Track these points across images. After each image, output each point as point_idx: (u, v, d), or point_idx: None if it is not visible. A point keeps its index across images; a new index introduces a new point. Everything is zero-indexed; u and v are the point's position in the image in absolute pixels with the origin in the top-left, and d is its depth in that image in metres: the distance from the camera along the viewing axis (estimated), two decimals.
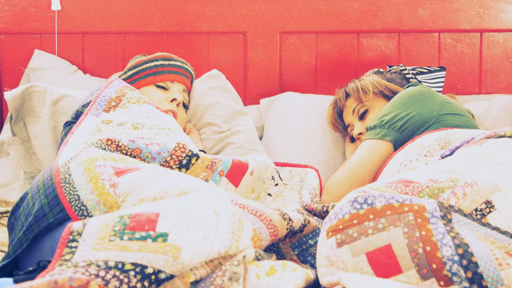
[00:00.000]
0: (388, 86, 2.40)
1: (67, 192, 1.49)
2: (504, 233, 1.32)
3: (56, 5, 2.89)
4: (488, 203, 1.37)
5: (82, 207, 1.46)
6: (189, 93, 2.53)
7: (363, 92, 2.40)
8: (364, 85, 2.42)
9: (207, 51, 2.98)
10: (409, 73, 2.51)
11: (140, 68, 2.35)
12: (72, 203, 1.47)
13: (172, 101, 2.31)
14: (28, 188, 1.66)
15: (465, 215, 1.33)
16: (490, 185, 1.40)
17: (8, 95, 2.33)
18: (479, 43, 2.99)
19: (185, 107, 2.47)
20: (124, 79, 2.33)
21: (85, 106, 2.04)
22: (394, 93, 2.36)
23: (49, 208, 1.48)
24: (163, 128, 1.91)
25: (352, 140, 2.50)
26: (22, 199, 1.61)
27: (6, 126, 2.70)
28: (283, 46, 2.98)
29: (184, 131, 2.40)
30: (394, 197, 1.34)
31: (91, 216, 1.44)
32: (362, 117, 2.39)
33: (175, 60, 2.43)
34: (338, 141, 2.60)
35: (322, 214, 1.94)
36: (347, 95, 2.49)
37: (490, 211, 1.36)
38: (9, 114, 2.57)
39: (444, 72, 2.57)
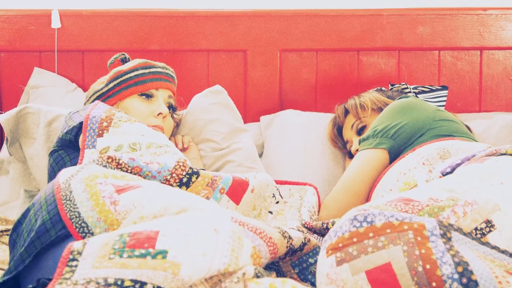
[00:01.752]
0: (387, 103, 2.40)
1: (68, 209, 1.49)
2: (504, 252, 1.32)
3: (56, 23, 2.89)
4: (489, 222, 1.37)
5: (83, 224, 1.45)
6: (174, 98, 2.44)
7: (361, 108, 2.41)
8: (363, 102, 2.42)
9: (207, 69, 2.98)
10: (410, 92, 2.51)
11: (121, 79, 2.30)
12: (73, 220, 1.46)
13: (158, 115, 2.26)
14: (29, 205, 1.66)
15: (464, 234, 1.33)
16: (491, 204, 1.40)
17: (2, 117, 2.33)
18: (479, 61, 3.00)
19: (173, 109, 2.40)
20: (107, 91, 2.30)
21: (68, 133, 2.01)
22: None
23: (51, 224, 1.48)
24: (161, 146, 1.90)
25: (351, 156, 2.49)
26: (24, 215, 1.60)
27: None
28: (283, 64, 2.99)
29: (183, 145, 2.40)
30: (394, 215, 1.33)
31: (92, 233, 1.44)
32: (360, 133, 2.39)
33: (155, 67, 2.37)
34: (338, 159, 2.59)
35: (322, 231, 1.93)
36: (347, 112, 2.50)
37: (490, 231, 1.36)
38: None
39: (446, 91, 2.57)
